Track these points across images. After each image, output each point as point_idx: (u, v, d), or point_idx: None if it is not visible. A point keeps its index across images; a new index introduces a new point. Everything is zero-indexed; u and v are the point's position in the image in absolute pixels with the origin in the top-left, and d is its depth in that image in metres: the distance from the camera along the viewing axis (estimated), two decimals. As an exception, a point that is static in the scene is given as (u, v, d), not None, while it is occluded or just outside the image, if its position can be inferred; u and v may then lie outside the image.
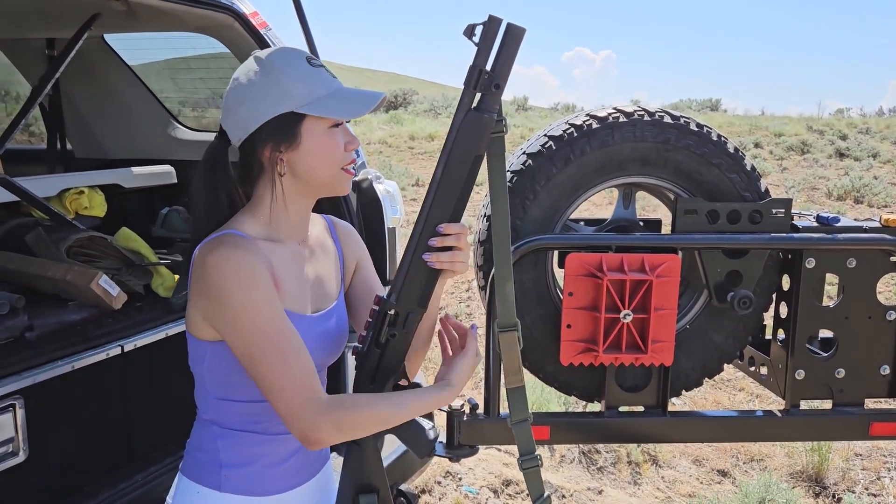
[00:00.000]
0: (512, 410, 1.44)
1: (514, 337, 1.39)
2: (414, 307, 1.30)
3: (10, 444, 1.83)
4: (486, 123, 1.25)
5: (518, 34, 1.23)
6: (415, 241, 1.28)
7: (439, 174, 1.26)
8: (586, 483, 3.63)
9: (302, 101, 1.28)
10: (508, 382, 1.43)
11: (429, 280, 1.30)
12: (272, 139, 1.30)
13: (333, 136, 1.31)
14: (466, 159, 1.26)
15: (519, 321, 1.40)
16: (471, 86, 1.24)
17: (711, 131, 1.80)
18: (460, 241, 1.28)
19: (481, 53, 1.22)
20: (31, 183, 2.63)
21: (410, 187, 11.49)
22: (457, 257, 1.28)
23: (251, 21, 2.54)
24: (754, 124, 15.89)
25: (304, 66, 1.31)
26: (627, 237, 1.78)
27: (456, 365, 1.37)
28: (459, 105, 1.26)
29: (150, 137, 3.47)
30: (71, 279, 2.18)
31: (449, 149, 1.26)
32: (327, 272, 1.46)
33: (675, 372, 1.83)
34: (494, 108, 1.25)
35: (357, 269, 1.55)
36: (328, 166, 1.32)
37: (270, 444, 1.38)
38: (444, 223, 1.27)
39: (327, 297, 1.44)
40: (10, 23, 3.06)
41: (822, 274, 1.76)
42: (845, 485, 3.69)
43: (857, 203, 10.67)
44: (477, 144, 1.26)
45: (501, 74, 1.24)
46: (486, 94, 1.24)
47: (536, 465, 1.44)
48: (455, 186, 1.27)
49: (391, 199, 2.61)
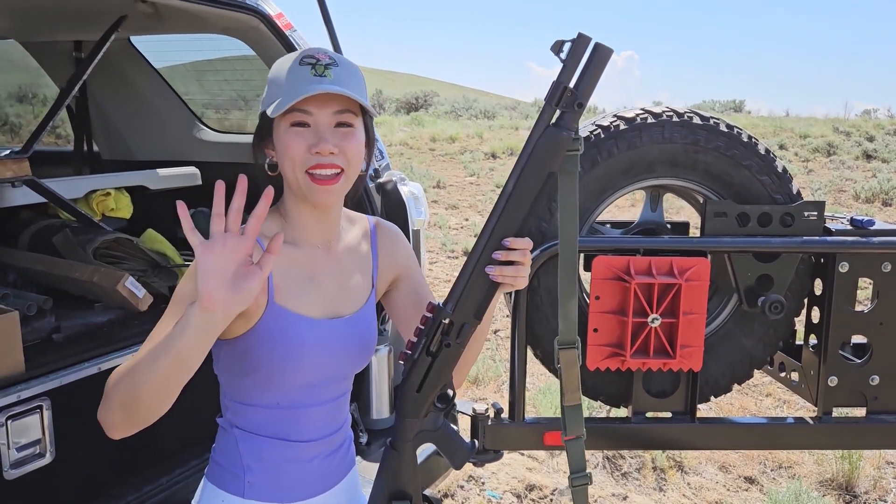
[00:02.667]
0: (567, 426, 1.42)
1: (573, 354, 1.37)
2: (470, 318, 1.28)
3: (38, 445, 1.84)
4: (563, 141, 1.23)
5: (606, 54, 1.22)
6: (478, 253, 1.26)
7: (510, 188, 1.24)
8: (611, 489, 3.60)
9: (269, 100, 1.29)
10: (567, 400, 1.40)
11: (488, 293, 1.28)
12: (258, 136, 1.35)
13: (293, 134, 1.27)
14: (540, 175, 1.24)
15: (579, 339, 1.37)
16: (553, 102, 1.22)
17: (742, 132, 1.77)
18: (525, 256, 1.26)
19: (567, 70, 1.21)
20: (58, 184, 2.65)
21: (431, 189, 11.50)
22: (520, 272, 1.26)
23: (276, 22, 2.54)
24: (779, 125, 15.73)
25: (289, 67, 1.28)
26: (656, 240, 1.75)
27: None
28: (539, 120, 1.24)
29: (175, 139, 3.50)
30: (97, 281, 2.19)
31: (524, 163, 1.24)
32: (352, 278, 1.43)
33: (704, 377, 1.80)
34: (574, 127, 1.23)
35: (404, 276, 1.51)
36: (288, 168, 1.29)
37: (292, 450, 1.37)
38: (510, 237, 1.25)
39: (350, 303, 1.42)
40: (38, 26, 3.09)
41: (856, 278, 1.72)
42: (876, 493, 3.63)
43: (885, 206, 10.51)
44: (552, 161, 1.24)
45: (585, 93, 1.22)
46: (566, 111, 1.23)
47: (586, 483, 1.42)
48: (525, 201, 1.25)
49: (416, 200, 2.60)
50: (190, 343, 1.08)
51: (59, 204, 2.62)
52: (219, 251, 1.06)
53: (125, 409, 1.13)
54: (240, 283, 1.08)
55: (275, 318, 1.29)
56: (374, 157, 1.48)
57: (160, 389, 1.11)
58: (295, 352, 1.30)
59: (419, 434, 1.32)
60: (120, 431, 1.16)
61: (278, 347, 1.29)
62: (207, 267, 1.06)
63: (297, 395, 1.35)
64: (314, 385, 1.36)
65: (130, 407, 1.12)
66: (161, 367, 1.09)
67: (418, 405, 1.30)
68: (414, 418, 1.31)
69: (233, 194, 1.08)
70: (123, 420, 1.14)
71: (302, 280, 1.34)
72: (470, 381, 4.90)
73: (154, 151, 3.54)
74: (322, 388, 1.38)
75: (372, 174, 2.54)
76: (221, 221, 1.07)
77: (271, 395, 1.33)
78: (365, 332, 1.43)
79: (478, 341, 1.38)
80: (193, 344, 1.09)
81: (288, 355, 1.29)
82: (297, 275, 1.34)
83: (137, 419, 1.14)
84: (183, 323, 1.08)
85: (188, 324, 1.08)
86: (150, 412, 1.14)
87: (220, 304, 1.07)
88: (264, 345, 1.28)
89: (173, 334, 1.09)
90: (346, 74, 1.29)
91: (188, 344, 1.08)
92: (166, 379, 1.10)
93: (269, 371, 1.30)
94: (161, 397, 1.12)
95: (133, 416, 1.13)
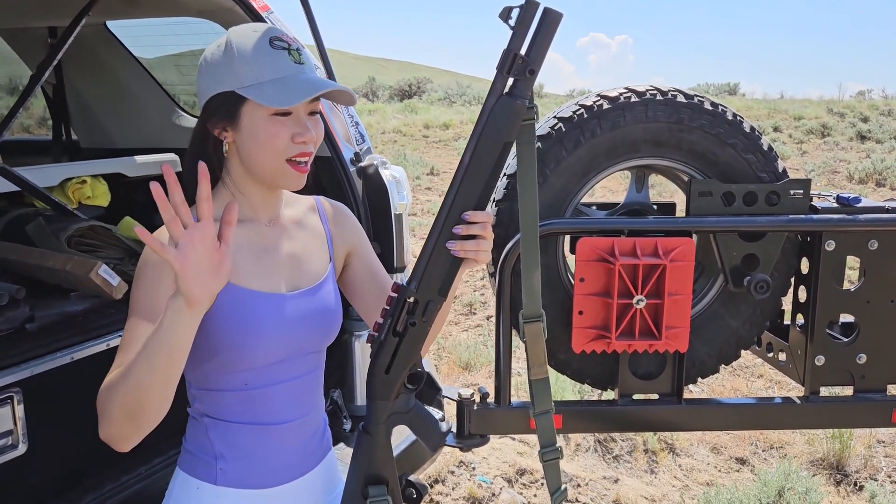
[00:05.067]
0: (535, 401, 1.40)
1: (539, 328, 1.35)
2: (434, 295, 1.26)
3: (10, 436, 1.81)
4: (518, 109, 1.21)
5: (555, 19, 1.19)
6: (438, 228, 1.24)
7: (467, 160, 1.22)
8: (602, 472, 3.58)
9: (244, 82, 1.23)
10: (533, 374, 1.39)
11: (451, 268, 1.26)
12: (216, 116, 1.27)
13: (276, 124, 1.25)
14: (496, 146, 1.22)
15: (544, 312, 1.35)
16: (504, 70, 1.19)
17: (727, 110, 1.74)
18: (486, 229, 1.24)
19: (517, 37, 1.18)
20: (31, 172, 2.60)
21: (425, 176, 11.46)
22: (481, 246, 1.24)
23: (252, 4, 2.49)
24: (773, 108, 15.72)
25: (260, 47, 1.24)
26: (640, 221, 1.72)
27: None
28: (491, 90, 1.21)
29: (155, 126, 3.45)
30: (70, 269, 2.15)
31: (479, 134, 1.22)
32: (307, 250, 1.41)
33: (691, 359, 1.78)
34: (527, 95, 1.21)
35: (355, 252, 1.50)
36: (267, 156, 1.26)
37: (265, 435, 1.35)
38: (469, 211, 1.22)
39: (308, 275, 1.40)
40: (11, 11, 3.03)
41: (843, 257, 1.69)
42: (867, 472, 3.62)
43: (878, 186, 10.52)
44: (508, 131, 1.21)
45: (536, 60, 1.19)
46: (519, 79, 1.20)
47: (556, 457, 1.41)
48: (482, 173, 1.22)
49: (397, 184, 2.56)
50: (185, 336, 1.10)
51: (31, 192, 2.58)
52: (192, 253, 1.06)
53: (132, 418, 1.13)
54: (215, 269, 1.09)
55: (230, 298, 1.26)
56: (354, 140, 1.46)
57: (164, 387, 1.12)
58: (254, 329, 1.28)
59: (391, 416, 1.30)
60: (131, 442, 1.17)
61: (236, 326, 1.27)
62: (188, 274, 1.06)
63: (265, 373, 1.32)
64: (282, 361, 1.34)
65: (137, 415, 1.13)
66: (160, 366, 1.10)
67: (388, 387, 1.28)
68: (385, 400, 1.29)
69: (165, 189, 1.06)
70: (132, 429, 1.15)
71: (254, 257, 1.32)
72: (461, 367, 4.88)
73: (134, 139, 3.49)
74: (290, 363, 1.35)
75: (353, 158, 2.50)
76: (178, 223, 1.06)
77: (238, 377, 1.30)
78: (327, 304, 1.40)
79: (442, 317, 1.36)
80: (188, 336, 1.11)
81: (247, 333, 1.27)
82: (249, 252, 1.32)
83: (146, 424, 1.16)
84: (171, 319, 1.09)
85: (177, 320, 1.09)
86: (158, 413, 1.15)
87: (206, 297, 1.09)
88: (222, 326, 1.26)
89: (164, 333, 1.09)
90: (307, 57, 1.29)
91: (182, 337, 1.10)
92: (167, 376, 1.12)
93: (231, 352, 1.27)
94: (166, 395, 1.14)
95: (141, 422, 1.14)
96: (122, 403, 1.12)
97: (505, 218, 1.68)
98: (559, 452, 1.41)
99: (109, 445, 1.17)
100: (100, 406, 1.15)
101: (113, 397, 1.12)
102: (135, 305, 1.22)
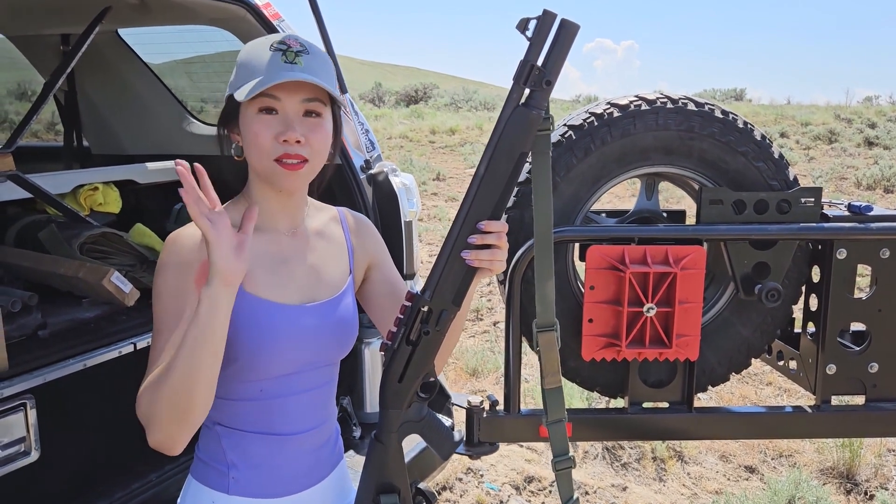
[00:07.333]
0: (548, 410, 1.41)
1: (552, 337, 1.36)
2: (448, 305, 1.26)
3: (22, 443, 1.82)
4: (533, 120, 1.21)
5: (572, 30, 1.20)
6: (453, 238, 1.24)
7: (482, 170, 1.22)
8: (610, 480, 3.57)
9: (237, 83, 1.26)
10: (546, 383, 1.40)
11: (465, 278, 1.26)
12: (223, 118, 1.32)
13: (259, 122, 1.25)
14: (511, 156, 1.22)
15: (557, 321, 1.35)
16: (521, 81, 1.20)
17: (737, 118, 1.74)
18: (501, 239, 1.24)
19: (534, 48, 1.19)
20: (44, 179, 2.62)
21: (431, 181, 11.47)
22: (496, 256, 1.24)
23: (263, 12, 2.51)
24: (780, 113, 15.68)
25: (259, 51, 1.26)
26: (650, 228, 1.72)
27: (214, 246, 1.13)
28: (507, 100, 1.22)
29: (166, 133, 3.46)
30: (83, 276, 2.16)
31: (494, 144, 1.22)
32: (327, 262, 1.41)
33: (701, 367, 1.78)
34: (543, 105, 1.22)
35: (376, 265, 1.50)
36: (255, 155, 1.27)
37: (278, 445, 1.35)
38: (484, 221, 1.23)
39: (327, 287, 1.40)
40: (25, 19, 3.05)
41: (854, 265, 1.69)
42: (878, 481, 3.60)
43: (887, 193, 10.48)
44: (523, 141, 1.22)
45: (553, 71, 1.20)
46: (535, 90, 1.21)
47: (569, 466, 1.41)
48: (498, 183, 1.23)
49: (407, 191, 2.56)
50: (224, 321, 1.13)
51: (44, 199, 2.59)
52: (222, 226, 1.11)
53: (180, 419, 1.15)
54: (238, 249, 1.14)
55: (246, 307, 1.27)
56: (364, 148, 1.47)
57: (210, 380, 1.15)
58: (269, 340, 1.28)
59: (403, 425, 1.30)
60: (181, 443, 1.18)
61: (251, 336, 1.27)
62: (221, 244, 1.11)
63: (280, 383, 1.33)
64: (297, 372, 1.34)
65: (186, 413, 1.15)
66: (204, 359, 1.12)
67: (401, 396, 1.28)
68: (397, 409, 1.29)
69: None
70: (181, 430, 1.16)
71: (271, 267, 1.32)
72: (469, 374, 4.88)
73: (145, 145, 3.50)
74: (305, 374, 1.36)
75: (363, 165, 2.51)
76: (204, 203, 1.11)
77: (253, 386, 1.31)
78: (344, 317, 1.40)
79: (457, 328, 1.36)
80: (226, 321, 1.14)
81: (262, 343, 1.28)
82: (266, 262, 1.32)
83: (195, 421, 1.17)
84: (208, 307, 1.11)
85: (215, 306, 1.12)
86: (205, 408, 1.17)
87: (237, 274, 1.13)
88: (237, 335, 1.26)
89: (203, 323, 1.12)
90: (316, 63, 1.27)
91: (221, 324, 1.13)
92: (211, 369, 1.14)
93: (245, 361, 1.28)
94: (212, 388, 1.16)
95: (190, 420, 1.16)
96: (169, 405, 1.13)
97: (515, 226, 1.68)
98: (572, 461, 1.41)
99: (160, 451, 1.18)
100: (143, 415, 1.16)
101: (158, 401, 1.14)
102: (162, 314, 1.23)
